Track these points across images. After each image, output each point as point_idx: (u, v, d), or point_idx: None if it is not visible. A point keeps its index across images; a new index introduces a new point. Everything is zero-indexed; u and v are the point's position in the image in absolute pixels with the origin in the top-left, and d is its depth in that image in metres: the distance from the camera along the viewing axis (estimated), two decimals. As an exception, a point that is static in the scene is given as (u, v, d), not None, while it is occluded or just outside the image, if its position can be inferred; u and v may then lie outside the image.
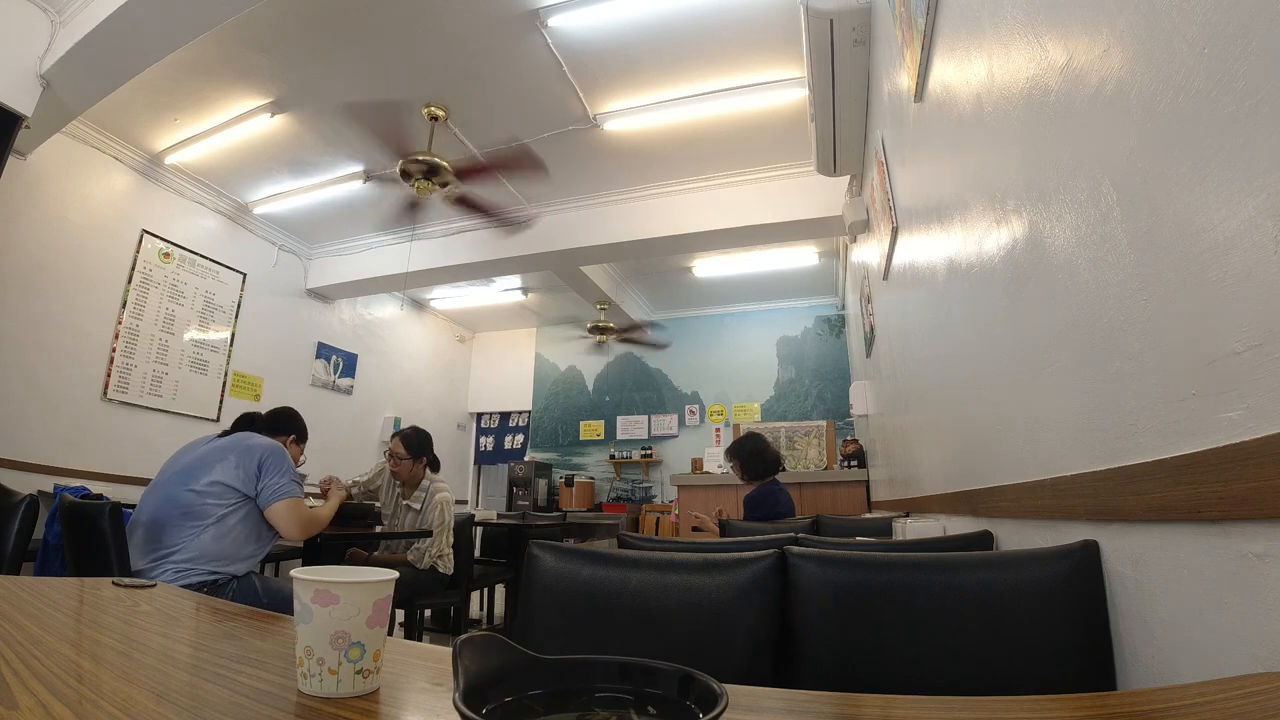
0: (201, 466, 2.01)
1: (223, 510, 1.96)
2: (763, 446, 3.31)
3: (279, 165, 4.64)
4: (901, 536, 2.06)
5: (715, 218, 4.75)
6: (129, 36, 2.90)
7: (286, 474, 2.06)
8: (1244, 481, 0.55)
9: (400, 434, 3.07)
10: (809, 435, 6.77)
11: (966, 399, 1.60)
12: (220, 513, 1.95)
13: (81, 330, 4.19)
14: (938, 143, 1.69)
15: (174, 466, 2.07)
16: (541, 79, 3.67)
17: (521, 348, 8.52)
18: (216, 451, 2.06)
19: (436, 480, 3.14)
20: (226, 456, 2.03)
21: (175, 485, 1.97)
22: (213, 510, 1.94)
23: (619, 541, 1.32)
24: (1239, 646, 0.59)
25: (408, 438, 3.05)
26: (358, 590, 0.55)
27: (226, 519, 1.96)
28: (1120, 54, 0.73)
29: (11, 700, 0.46)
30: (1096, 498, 0.84)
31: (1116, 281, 0.77)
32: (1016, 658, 0.83)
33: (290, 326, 5.88)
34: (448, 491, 3.09)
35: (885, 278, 2.96)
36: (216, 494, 1.96)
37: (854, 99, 3.00)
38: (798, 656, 0.94)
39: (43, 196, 3.98)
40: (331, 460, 5.33)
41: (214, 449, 2.07)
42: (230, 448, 2.06)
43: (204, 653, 0.68)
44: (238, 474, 2.00)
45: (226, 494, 1.97)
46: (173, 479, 2.00)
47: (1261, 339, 0.53)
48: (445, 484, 3.17)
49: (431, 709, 0.55)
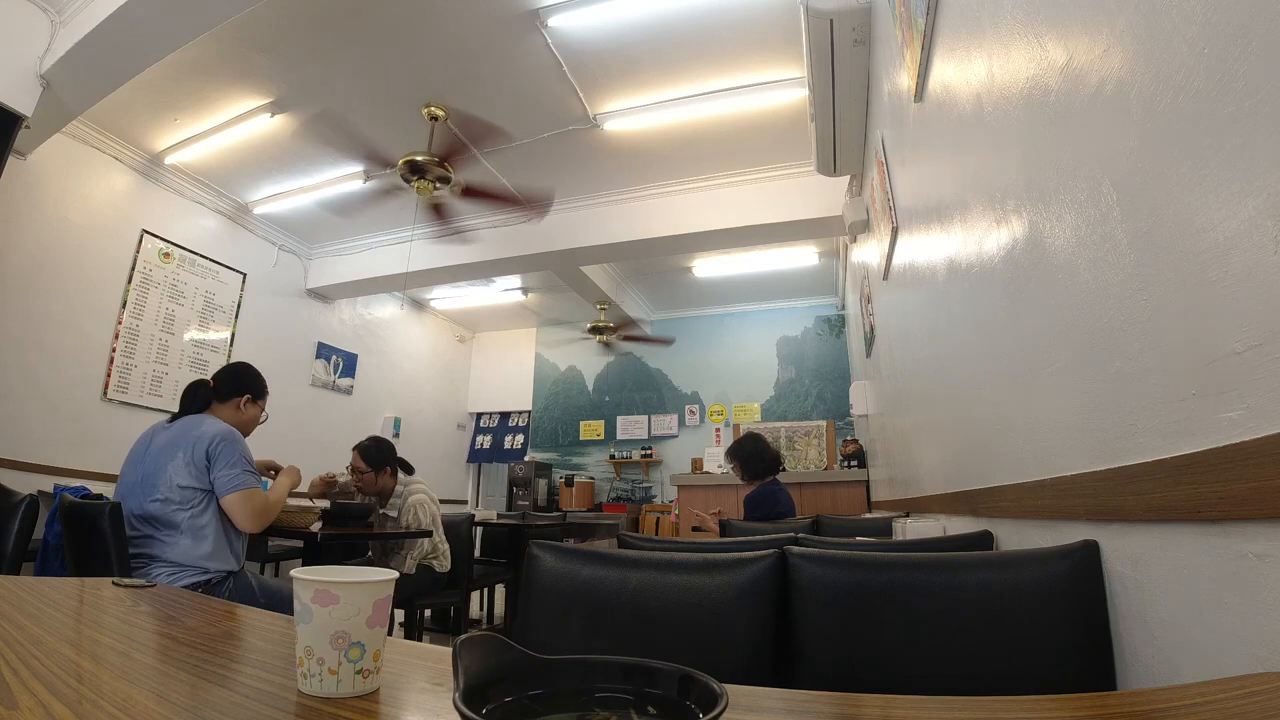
0: (156, 473, 1.92)
1: (190, 513, 1.89)
2: (762, 447, 3.32)
3: (279, 165, 4.64)
4: (901, 536, 2.06)
5: (715, 218, 4.75)
6: (129, 36, 2.90)
7: (237, 463, 1.95)
8: (1244, 481, 0.55)
9: (358, 447, 2.96)
10: (809, 435, 6.77)
11: (967, 399, 1.60)
12: (187, 516, 1.88)
13: (81, 330, 4.19)
14: (938, 143, 1.69)
15: (132, 475, 1.97)
16: (541, 79, 3.67)
17: (521, 348, 8.52)
18: (165, 451, 1.95)
19: (413, 483, 3.06)
20: (175, 455, 1.93)
21: (140, 499, 1.90)
22: (179, 516, 1.88)
23: (619, 541, 1.32)
24: (1239, 646, 0.59)
25: (366, 450, 2.95)
26: (358, 590, 0.55)
27: (197, 520, 1.89)
28: (1120, 54, 0.73)
29: (11, 700, 0.46)
30: (1096, 498, 0.84)
31: (1116, 281, 0.77)
32: (1016, 658, 0.83)
33: (290, 326, 5.88)
34: (423, 493, 2.99)
35: (885, 278, 2.96)
36: (178, 499, 1.89)
37: (854, 99, 3.00)
38: (798, 656, 0.94)
39: (43, 196, 3.98)
40: (331, 460, 5.33)
41: (163, 448, 1.97)
42: (177, 443, 1.95)
43: (204, 653, 0.68)
44: (190, 470, 1.90)
45: (187, 495, 1.90)
46: (134, 491, 1.92)
47: (1261, 339, 0.53)
48: (421, 483, 3.07)
49: (431, 709, 0.55)
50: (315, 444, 5.73)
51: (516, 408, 8.45)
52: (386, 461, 2.98)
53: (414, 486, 3.03)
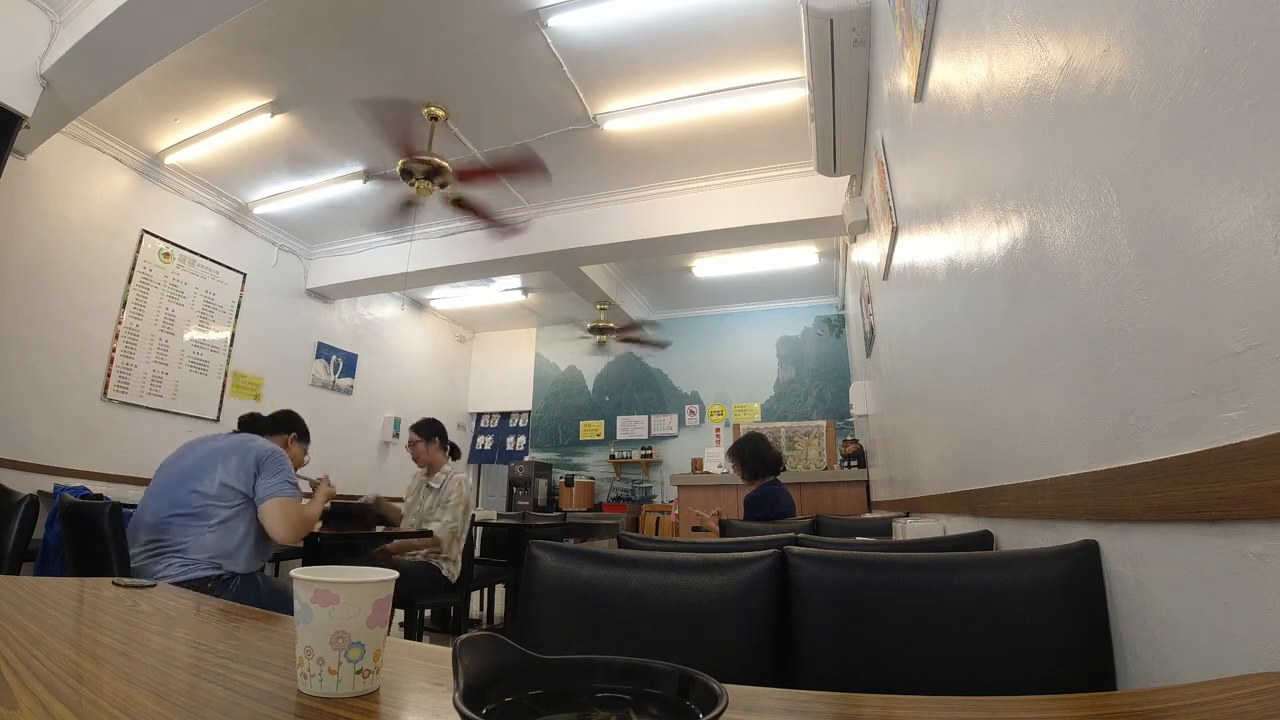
0: (204, 468, 2.02)
1: (227, 512, 1.97)
2: (763, 447, 3.32)
3: (279, 165, 4.64)
4: (901, 536, 2.06)
5: (715, 218, 4.75)
6: (129, 36, 2.90)
7: (282, 474, 2.07)
8: (1244, 481, 0.55)
9: (414, 425, 3.37)
10: (809, 435, 6.77)
11: (967, 399, 1.60)
12: (224, 514, 1.97)
13: (81, 330, 4.19)
14: (938, 143, 1.69)
15: (176, 467, 2.07)
16: (541, 79, 3.67)
17: (521, 348, 8.52)
18: (219, 453, 2.07)
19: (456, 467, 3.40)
20: (229, 458, 2.04)
21: (179, 487, 1.98)
22: (216, 511, 1.96)
23: (619, 541, 1.32)
24: (1239, 646, 0.59)
25: (418, 425, 3.35)
26: (358, 590, 0.55)
27: (230, 520, 1.97)
28: (1120, 54, 0.73)
29: (11, 700, 0.46)
30: (1096, 498, 0.84)
31: (1116, 281, 0.77)
32: (1016, 658, 0.83)
33: (290, 326, 5.88)
34: (465, 477, 3.35)
35: (885, 278, 2.96)
36: (220, 496, 1.98)
37: (854, 99, 3.00)
38: (798, 656, 0.94)
39: (43, 196, 3.98)
40: (331, 460, 5.32)
41: (216, 450, 2.08)
42: (232, 449, 2.08)
43: (204, 653, 0.68)
44: (239, 475, 2.01)
45: (229, 495, 1.99)
46: (176, 480, 2.01)
47: (1261, 339, 0.53)
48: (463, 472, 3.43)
49: (431, 709, 0.55)
50: (315, 444, 5.70)
51: (516, 408, 8.45)
52: (436, 433, 3.32)
53: (458, 470, 3.39)
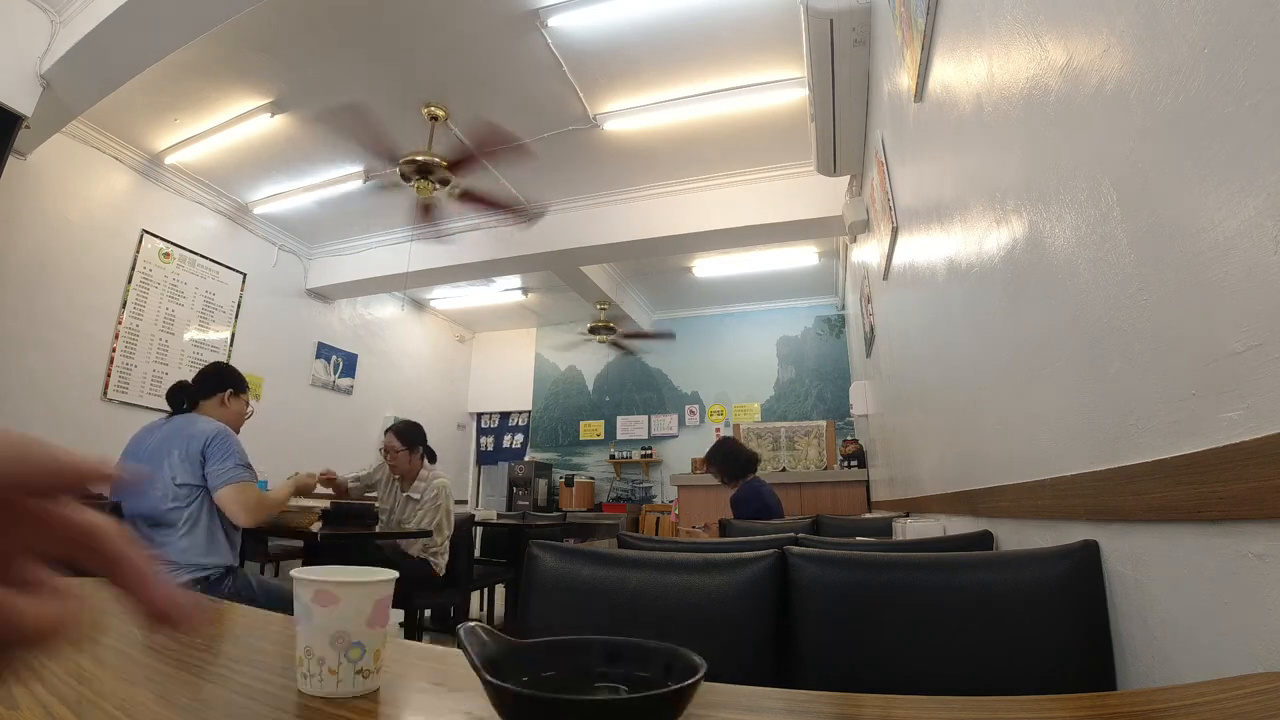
0: (153, 468, 1.95)
1: (188, 511, 1.93)
2: (735, 448, 3.39)
3: (279, 165, 4.64)
4: (901, 536, 2.06)
5: (715, 218, 4.75)
6: (129, 36, 2.90)
7: (231, 457, 1.99)
8: (1244, 481, 0.55)
9: (392, 428, 3.14)
10: (809, 435, 6.77)
11: (967, 399, 1.60)
12: (187, 514, 1.92)
13: (81, 330, 4.19)
14: (938, 143, 1.69)
15: None
16: (541, 79, 3.67)
17: (521, 348, 8.51)
18: (163, 446, 1.99)
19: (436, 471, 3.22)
20: (172, 451, 1.97)
21: (137, 498, 1.93)
22: (179, 514, 1.92)
23: (619, 541, 1.32)
24: (1239, 646, 0.59)
25: (400, 430, 3.12)
26: (358, 590, 0.55)
27: (195, 516, 1.93)
28: (1120, 54, 0.73)
29: (11, 700, 0.46)
30: (1096, 498, 0.84)
31: (1116, 281, 0.77)
32: (1016, 658, 0.83)
33: (290, 326, 5.87)
34: (446, 480, 3.17)
35: (885, 278, 2.96)
36: (175, 496, 1.92)
37: (854, 99, 3.00)
38: (798, 656, 0.94)
39: (43, 196, 3.98)
40: (332, 460, 5.32)
41: (158, 446, 2.01)
42: (172, 441, 2.00)
43: (204, 653, 0.68)
44: (185, 467, 1.95)
45: (184, 493, 1.94)
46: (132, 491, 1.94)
47: (1261, 339, 0.53)
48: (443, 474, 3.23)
49: (431, 709, 0.55)
50: (315, 444, 5.73)
51: (516, 408, 8.45)
52: (418, 441, 3.12)
53: (437, 473, 3.20)
